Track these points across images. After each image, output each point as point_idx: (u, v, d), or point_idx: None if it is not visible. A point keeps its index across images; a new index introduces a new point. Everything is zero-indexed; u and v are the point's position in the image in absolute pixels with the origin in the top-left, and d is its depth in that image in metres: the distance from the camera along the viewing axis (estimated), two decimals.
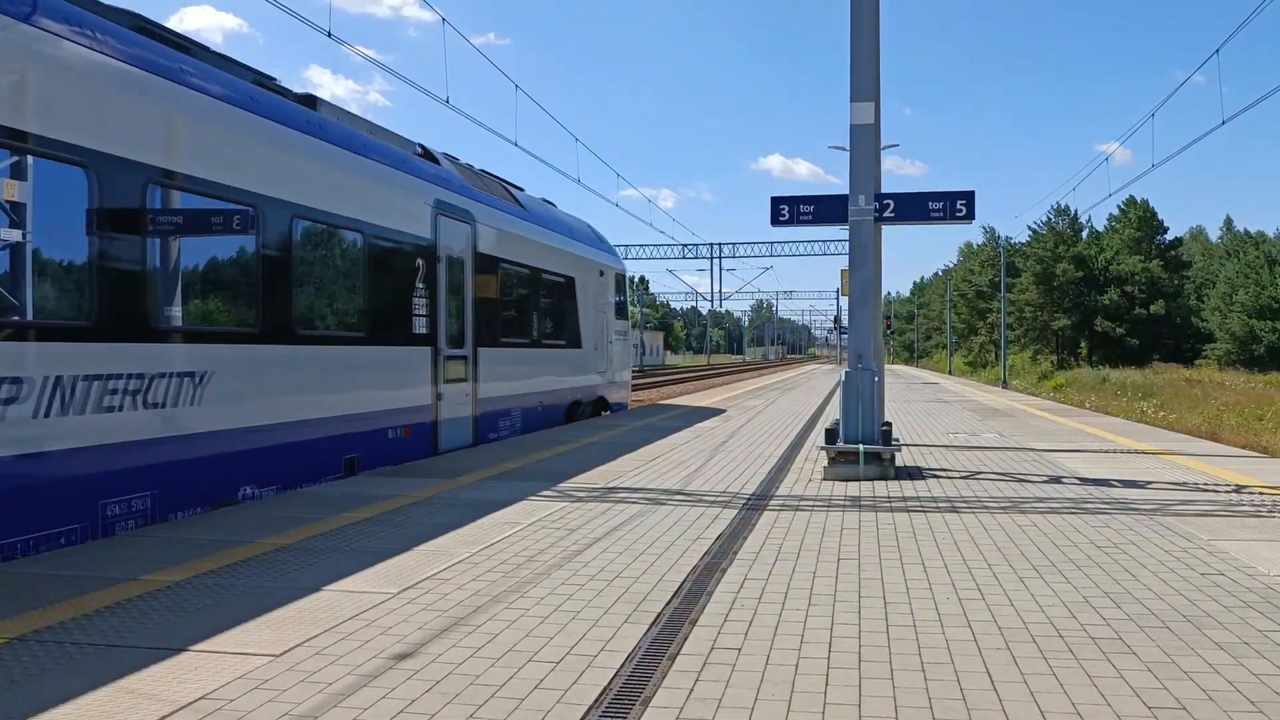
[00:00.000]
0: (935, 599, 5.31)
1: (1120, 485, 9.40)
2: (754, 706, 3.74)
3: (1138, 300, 75.63)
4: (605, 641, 4.55)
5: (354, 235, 10.94)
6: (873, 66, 10.57)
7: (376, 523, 7.40)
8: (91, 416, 7.13)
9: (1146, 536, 6.91)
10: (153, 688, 3.90)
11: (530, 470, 10.43)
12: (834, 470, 10.02)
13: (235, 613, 4.95)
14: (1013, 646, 4.47)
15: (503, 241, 14.95)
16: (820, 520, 7.62)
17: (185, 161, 8.26)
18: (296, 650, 4.38)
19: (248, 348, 9.10)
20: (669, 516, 7.71)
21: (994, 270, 79.04)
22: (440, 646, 4.46)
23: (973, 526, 7.35)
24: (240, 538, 6.79)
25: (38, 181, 6.87)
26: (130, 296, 7.62)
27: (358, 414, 10.84)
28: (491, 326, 14.40)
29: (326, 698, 3.82)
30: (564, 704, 3.77)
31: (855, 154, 10.58)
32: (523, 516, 7.66)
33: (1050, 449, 12.92)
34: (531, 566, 6.02)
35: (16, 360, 6.58)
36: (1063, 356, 76.23)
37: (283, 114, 10.00)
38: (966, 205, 10.59)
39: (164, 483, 7.90)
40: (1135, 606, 5.14)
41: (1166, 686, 3.95)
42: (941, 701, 3.79)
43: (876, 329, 10.59)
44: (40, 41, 6.94)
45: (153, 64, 8.10)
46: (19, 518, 6.58)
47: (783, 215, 11.15)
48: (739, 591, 5.46)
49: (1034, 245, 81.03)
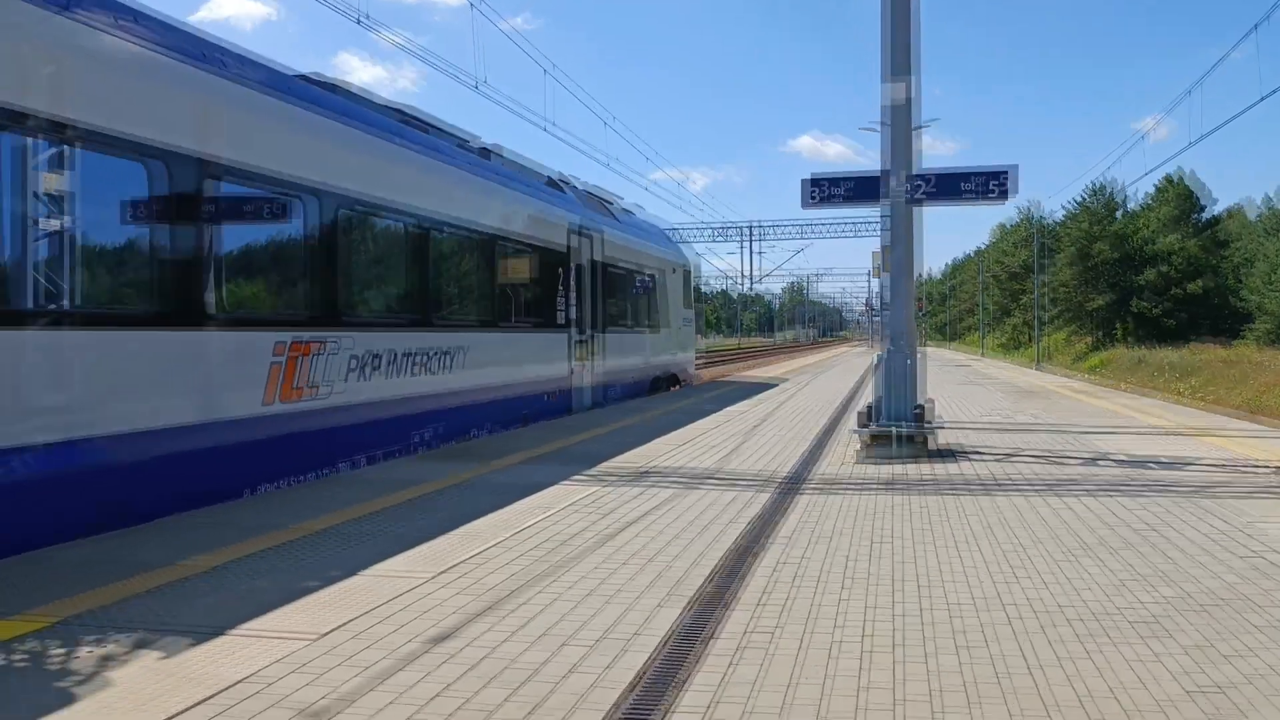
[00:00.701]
0: (971, 581, 5.28)
1: (1159, 467, 9.30)
2: (791, 689, 3.75)
3: (1175, 279, 74.48)
4: (641, 624, 4.56)
5: (530, 250, 14.98)
6: (906, 45, 10.47)
7: (413, 506, 7.46)
8: (406, 378, 11.16)
9: (1185, 519, 6.84)
10: (195, 670, 3.96)
11: (565, 453, 10.47)
12: (869, 452, 9.98)
13: (275, 595, 5.02)
14: (1050, 629, 4.44)
15: (610, 249, 18.87)
16: (855, 502, 7.60)
17: (455, 210, 12.64)
18: (335, 633, 4.43)
19: (478, 334, 13.20)
20: (704, 499, 7.72)
21: (1028, 250, 78.22)
22: (477, 629, 4.50)
23: (1009, 508, 7.30)
24: (278, 521, 6.87)
25: (436, 245, 12.04)
26: (429, 303, 11.93)
27: (531, 380, 14.94)
28: (606, 315, 18.45)
29: (366, 680, 3.86)
30: (600, 687, 3.79)
31: (889, 133, 10.50)
32: (558, 500, 7.69)
33: (1087, 430, 12.80)
34: (567, 550, 6.05)
35: (377, 340, 10.53)
36: (1099, 337, 75.33)
37: (504, 176, 14.86)
38: (1003, 183, 10.47)
39: (438, 422, 11.89)
40: (1174, 590, 5.09)
41: (1205, 670, 3.91)
42: (979, 684, 3.77)
43: (911, 310, 10.53)
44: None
45: (444, 152, 12.98)
46: (379, 437, 10.63)
47: (815, 196, 11.06)
48: (775, 574, 5.46)
49: (1069, 225, 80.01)
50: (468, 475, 8.95)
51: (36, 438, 6.45)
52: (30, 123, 6.45)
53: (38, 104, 6.47)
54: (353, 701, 3.64)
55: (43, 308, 6.68)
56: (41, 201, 6.65)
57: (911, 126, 10.65)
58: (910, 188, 10.45)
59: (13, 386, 6.31)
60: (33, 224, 6.56)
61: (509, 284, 14.34)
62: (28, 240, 6.55)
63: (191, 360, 7.90)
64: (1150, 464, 9.48)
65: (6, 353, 6.28)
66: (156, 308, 7.57)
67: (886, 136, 10.50)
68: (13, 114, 6.30)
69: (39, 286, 6.65)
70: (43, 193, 6.65)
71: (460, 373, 12.41)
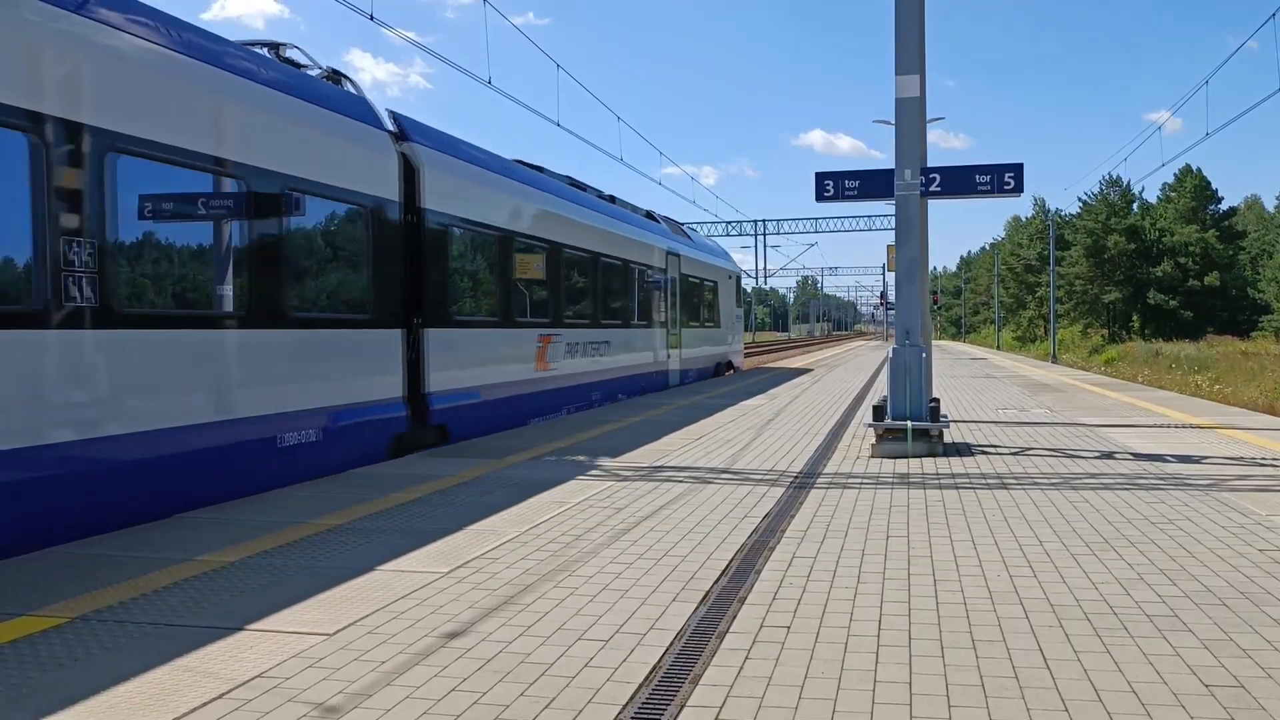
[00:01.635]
0: (986, 576, 5.26)
1: (1175, 460, 9.25)
2: (804, 684, 3.74)
3: (1191, 272, 74.07)
4: (654, 620, 4.56)
5: (645, 269, 20.54)
6: (918, 39, 10.42)
7: (426, 502, 7.48)
8: (582, 359, 16.50)
9: (1202, 512, 6.80)
10: (211, 666, 3.98)
11: (578, 449, 10.47)
12: (882, 447, 9.95)
13: (289, 592, 5.03)
14: (1066, 624, 4.42)
15: (686, 265, 24.08)
16: (869, 498, 7.58)
17: (609, 247, 18.29)
18: (350, 629, 4.44)
19: (620, 330, 18.70)
20: (716, 494, 7.71)
21: (1042, 243, 77.83)
22: (491, 625, 4.51)
23: (1023, 503, 7.27)
24: (293, 518, 6.89)
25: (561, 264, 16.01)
26: (593, 310, 17.26)
27: (647, 363, 20.61)
28: (686, 316, 23.74)
29: (379, 676, 3.87)
30: (614, 682, 3.79)
31: (901, 128, 10.46)
32: (571, 495, 7.70)
33: (1102, 424, 12.74)
34: (580, 545, 6.05)
35: (565, 335, 15.68)
36: (1114, 330, 74.98)
37: (628, 219, 20.60)
38: (1014, 178, 10.42)
39: (601, 391, 17.24)
40: (1191, 583, 5.06)
41: (1224, 664, 3.89)
42: (993, 679, 3.76)
43: (923, 304, 10.49)
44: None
45: (594, 204, 18.65)
46: (576, 398, 16.14)
47: (828, 191, 11.04)
48: (788, 569, 5.45)
49: (1084, 217, 79.57)
50: (481, 471, 8.96)
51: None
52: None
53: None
54: (367, 698, 3.65)
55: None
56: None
57: (925, 120, 10.61)
58: (925, 180, 10.40)
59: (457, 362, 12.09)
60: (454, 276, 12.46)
61: (634, 295, 20.00)
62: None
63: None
64: (1166, 458, 9.43)
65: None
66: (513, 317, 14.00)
67: (902, 130, 10.45)
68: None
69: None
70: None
71: (611, 357, 18.06)
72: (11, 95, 6.16)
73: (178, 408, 7.54)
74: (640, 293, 20.35)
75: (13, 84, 6.17)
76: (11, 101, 6.16)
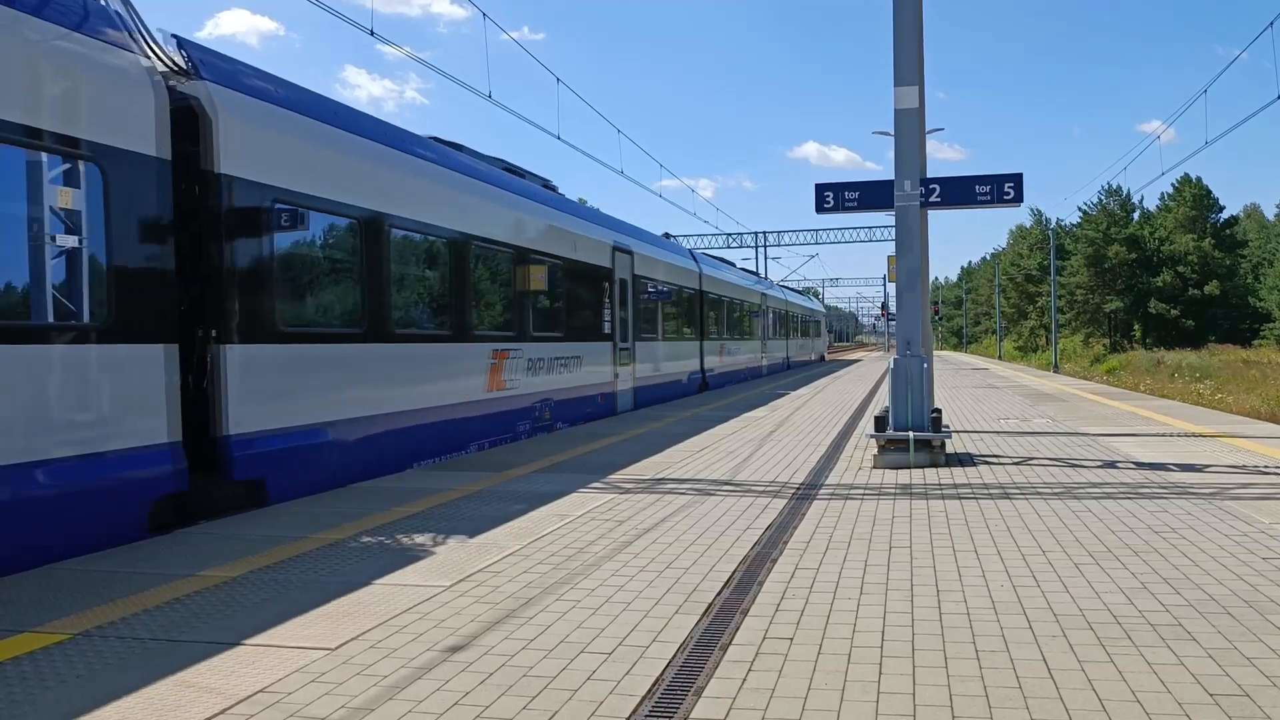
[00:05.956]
0: (989, 587, 5.25)
1: (1177, 469, 9.23)
2: (807, 696, 3.73)
3: (1192, 281, 74.12)
4: (657, 632, 4.55)
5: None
6: (916, 51, 10.44)
7: (427, 517, 7.47)
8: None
9: (1205, 521, 6.79)
10: (213, 681, 3.97)
11: (579, 463, 10.47)
12: (884, 458, 9.94)
13: (290, 607, 5.02)
14: (1069, 634, 4.41)
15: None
16: (871, 509, 7.57)
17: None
18: (351, 644, 4.43)
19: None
20: (718, 507, 7.70)
21: (1043, 254, 77.90)
22: (493, 639, 4.50)
23: (1026, 513, 7.26)
24: (292, 534, 6.88)
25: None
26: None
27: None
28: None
29: (381, 690, 3.86)
30: (617, 695, 3.78)
31: (900, 139, 10.47)
32: (573, 508, 7.69)
33: (1104, 433, 12.72)
34: (582, 558, 6.04)
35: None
36: (1115, 339, 74.97)
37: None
38: (1014, 188, 10.44)
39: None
40: (1195, 592, 5.05)
41: (1229, 673, 3.87)
42: (997, 690, 3.75)
43: (924, 315, 10.49)
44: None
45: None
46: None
47: (828, 202, 11.06)
48: (790, 581, 5.44)
49: (1084, 227, 79.67)
50: (482, 485, 8.95)
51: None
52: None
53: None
54: (369, 712, 3.64)
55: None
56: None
57: (924, 131, 10.63)
58: (925, 191, 10.42)
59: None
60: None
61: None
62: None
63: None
64: (1169, 466, 9.42)
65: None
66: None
67: (901, 141, 10.47)
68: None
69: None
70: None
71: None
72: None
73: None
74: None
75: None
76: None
